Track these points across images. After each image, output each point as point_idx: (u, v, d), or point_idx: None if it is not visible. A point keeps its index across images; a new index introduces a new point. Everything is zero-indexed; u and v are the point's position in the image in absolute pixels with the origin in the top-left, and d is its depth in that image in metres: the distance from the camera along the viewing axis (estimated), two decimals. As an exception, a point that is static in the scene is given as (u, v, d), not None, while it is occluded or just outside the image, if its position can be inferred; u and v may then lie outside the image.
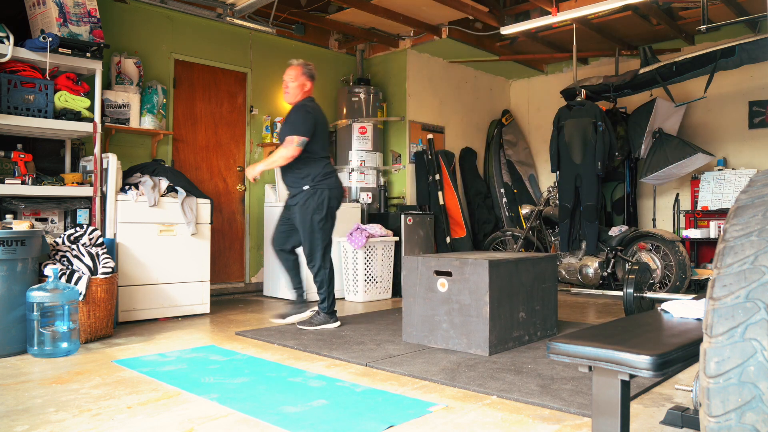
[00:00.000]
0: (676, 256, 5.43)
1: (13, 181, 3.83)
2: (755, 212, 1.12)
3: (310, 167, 3.92)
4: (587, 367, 1.43)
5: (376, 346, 3.46)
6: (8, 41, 3.79)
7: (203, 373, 2.88)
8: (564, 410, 2.30)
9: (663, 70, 5.79)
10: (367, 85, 6.59)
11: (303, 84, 3.99)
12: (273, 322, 4.19)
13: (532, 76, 7.97)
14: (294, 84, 3.98)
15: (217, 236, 5.64)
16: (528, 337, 3.55)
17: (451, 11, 5.85)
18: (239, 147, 5.99)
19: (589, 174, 5.73)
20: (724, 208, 5.97)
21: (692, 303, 1.77)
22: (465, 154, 7.34)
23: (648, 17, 6.06)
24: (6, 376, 2.84)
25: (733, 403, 1.00)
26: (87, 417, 2.24)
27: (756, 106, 6.25)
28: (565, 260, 5.93)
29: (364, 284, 5.50)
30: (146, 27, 5.28)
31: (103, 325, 3.70)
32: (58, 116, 4.00)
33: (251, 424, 2.16)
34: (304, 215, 3.90)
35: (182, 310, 4.52)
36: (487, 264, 3.21)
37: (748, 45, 5.29)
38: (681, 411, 1.59)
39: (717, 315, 1.05)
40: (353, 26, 6.38)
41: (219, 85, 5.87)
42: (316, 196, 3.88)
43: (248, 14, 5.46)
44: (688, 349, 1.39)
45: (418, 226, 5.99)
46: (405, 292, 3.61)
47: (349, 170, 6.43)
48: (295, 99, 4.01)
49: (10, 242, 3.18)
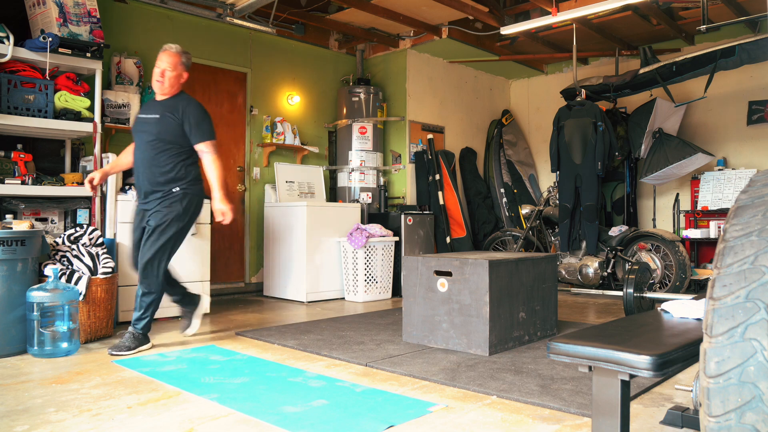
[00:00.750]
0: (676, 256, 5.43)
1: (13, 181, 3.83)
2: (755, 212, 1.12)
3: (186, 169, 3.46)
4: (587, 367, 1.43)
5: (376, 346, 3.46)
6: (8, 41, 3.79)
7: (203, 373, 2.88)
8: (564, 410, 2.30)
9: (663, 70, 5.79)
10: (367, 85, 6.59)
11: (181, 74, 3.51)
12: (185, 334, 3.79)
13: (532, 76, 7.97)
14: (173, 74, 3.46)
15: (217, 236, 5.64)
16: (528, 337, 3.55)
17: (451, 11, 5.85)
18: (239, 147, 5.99)
19: (589, 174, 5.73)
20: (724, 208, 5.97)
21: (692, 303, 1.77)
22: (465, 154, 7.34)
23: (648, 17, 6.06)
24: (6, 376, 2.84)
25: (733, 403, 1.00)
26: (87, 417, 2.24)
27: (756, 106, 6.25)
28: (565, 260, 5.93)
29: (364, 284, 5.50)
30: (146, 27, 5.28)
31: (103, 325, 3.70)
32: (58, 116, 4.00)
33: (251, 424, 2.16)
34: (164, 219, 3.38)
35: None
36: (487, 264, 3.21)
37: (748, 45, 5.29)
38: (681, 411, 1.59)
39: (717, 315, 1.05)
40: (353, 26, 6.38)
41: (219, 85, 5.87)
42: (184, 201, 3.44)
43: (248, 14, 5.46)
44: (688, 349, 1.39)
45: (418, 226, 5.99)
46: (405, 292, 3.61)
47: (349, 170, 6.43)
48: (172, 90, 3.50)
49: (10, 242, 3.18)
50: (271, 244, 5.76)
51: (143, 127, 3.46)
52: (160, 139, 3.40)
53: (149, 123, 3.44)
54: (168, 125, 3.40)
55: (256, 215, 6.05)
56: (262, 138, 6.08)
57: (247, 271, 6.03)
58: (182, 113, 3.42)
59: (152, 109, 3.50)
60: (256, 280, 6.07)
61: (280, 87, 6.33)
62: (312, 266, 5.42)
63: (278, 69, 6.31)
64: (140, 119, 3.51)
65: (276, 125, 6.13)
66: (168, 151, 3.41)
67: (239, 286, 5.99)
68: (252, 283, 6.06)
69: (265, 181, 6.09)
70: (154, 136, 3.41)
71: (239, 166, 5.98)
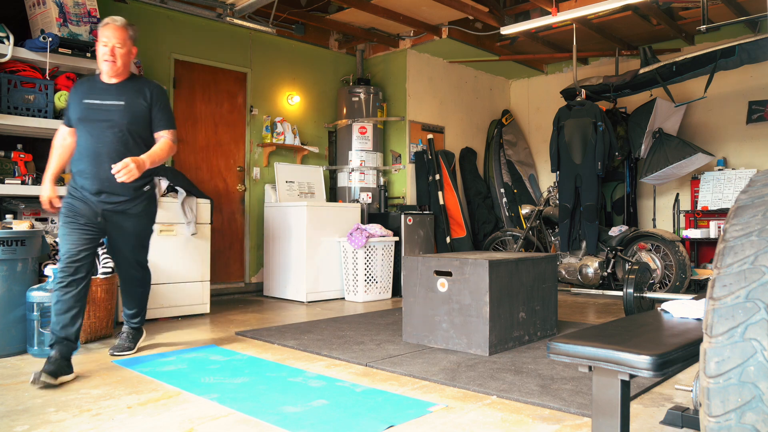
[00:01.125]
0: (676, 256, 5.43)
1: (13, 181, 3.82)
2: (755, 212, 1.12)
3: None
4: (587, 367, 1.43)
5: (376, 346, 3.46)
6: (8, 41, 3.79)
7: (203, 373, 2.88)
8: (564, 410, 2.30)
9: (663, 70, 5.79)
10: (367, 85, 6.59)
11: (131, 50, 3.06)
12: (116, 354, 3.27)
13: (532, 76, 7.97)
14: (123, 50, 2.99)
15: (217, 236, 5.64)
16: (528, 337, 3.55)
17: (451, 11, 5.85)
18: (239, 147, 5.99)
19: (589, 174, 5.73)
20: (724, 208, 5.97)
21: (692, 303, 1.77)
22: (465, 154, 7.34)
23: (648, 17, 6.06)
24: (6, 376, 2.84)
25: (733, 403, 1.00)
26: (87, 417, 2.24)
27: (756, 106, 6.25)
28: (565, 260, 5.93)
29: (364, 284, 5.50)
30: (146, 27, 5.28)
31: (103, 325, 3.70)
32: (58, 116, 3.99)
33: (251, 424, 2.16)
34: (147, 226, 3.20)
35: (182, 310, 4.52)
36: (487, 264, 3.21)
37: (748, 45, 5.29)
38: (681, 411, 1.59)
39: (717, 315, 1.05)
40: (353, 26, 6.38)
41: (219, 85, 5.87)
42: (155, 201, 3.22)
43: (248, 14, 5.46)
44: (688, 349, 1.39)
45: (418, 226, 5.99)
46: (405, 292, 3.61)
47: (349, 170, 6.43)
48: (126, 70, 3.06)
49: (10, 242, 3.18)
50: (271, 244, 5.76)
51: (101, 115, 2.96)
52: (130, 131, 2.99)
53: (112, 111, 2.97)
54: (139, 114, 3.02)
55: (256, 215, 6.05)
56: (262, 138, 6.08)
57: (247, 271, 6.03)
58: (151, 98, 3.06)
59: (109, 93, 3.00)
60: (256, 280, 6.07)
61: (280, 87, 6.33)
62: (312, 266, 5.42)
63: (278, 69, 6.30)
64: (93, 106, 2.98)
65: (276, 125, 6.13)
66: (139, 145, 3.02)
67: (239, 286, 5.99)
68: (252, 283, 6.06)
69: (265, 181, 6.09)
70: (122, 128, 2.97)
71: (239, 166, 5.98)
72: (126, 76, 3.07)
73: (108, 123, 2.97)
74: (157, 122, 3.09)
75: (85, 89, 3.04)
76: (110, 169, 2.84)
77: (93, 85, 3.06)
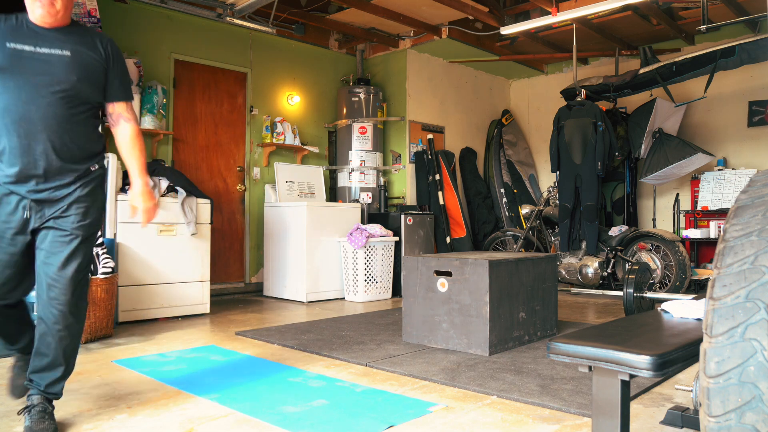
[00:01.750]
0: (676, 256, 5.43)
1: None
2: (755, 212, 1.12)
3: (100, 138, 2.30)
4: (587, 367, 1.43)
5: (376, 346, 3.46)
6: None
7: (203, 373, 2.88)
8: (564, 410, 2.30)
9: (663, 70, 5.79)
10: (367, 85, 6.59)
11: None
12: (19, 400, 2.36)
13: (532, 76, 7.97)
14: None
15: (217, 236, 5.64)
16: (528, 337, 3.55)
17: (451, 11, 5.85)
18: (239, 147, 5.99)
19: (589, 174, 5.73)
20: (724, 208, 5.97)
21: (692, 303, 1.77)
22: (465, 154, 7.34)
23: (648, 17, 6.06)
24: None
25: (733, 403, 1.00)
26: (87, 417, 2.24)
27: (756, 106, 6.25)
28: (565, 260, 5.93)
29: (364, 284, 5.50)
30: (146, 27, 5.28)
31: (103, 325, 3.70)
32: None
33: (251, 424, 2.16)
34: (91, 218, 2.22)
35: (182, 310, 4.52)
36: (487, 264, 3.21)
37: (748, 45, 5.29)
38: (681, 411, 1.59)
39: (717, 315, 1.05)
40: (353, 26, 6.38)
41: (219, 85, 5.87)
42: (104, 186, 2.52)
43: (248, 14, 5.47)
44: (688, 349, 1.39)
45: (418, 226, 6.00)
46: (405, 292, 3.61)
47: (349, 170, 6.43)
48: (67, 14, 2.16)
49: None
50: (271, 244, 5.76)
51: (35, 66, 2.07)
52: (76, 90, 2.13)
53: (53, 63, 2.10)
54: (92, 71, 2.18)
55: (256, 215, 6.05)
56: (262, 138, 6.08)
57: (247, 271, 6.03)
58: (107, 55, 2.23)
59: (45, 39, 2.10)
60: (256, 280, 6.07)
61: (280, 87, 6.33)
62: (312, 266, 5.42)
63: (278, 69, 6.31)
64: (23, 53, 2.06)
65: (276, 125, 6.13)
66: (86, 111, 2.20)
67: (239, 286, 5.99)
68: (252, 283, 6.06)
69: (265, 181, 6.09)
70: (65, 85, 2.10)
71: (239, 166, 5.98)
72: (67, 22, 2.18)
73: (46, 79, 2.08)
74: (115, 89, 2.27)
75: (6, 29, 2.08)
76: (47, 143, 2.08)
77: (20, 24, 2.11)
